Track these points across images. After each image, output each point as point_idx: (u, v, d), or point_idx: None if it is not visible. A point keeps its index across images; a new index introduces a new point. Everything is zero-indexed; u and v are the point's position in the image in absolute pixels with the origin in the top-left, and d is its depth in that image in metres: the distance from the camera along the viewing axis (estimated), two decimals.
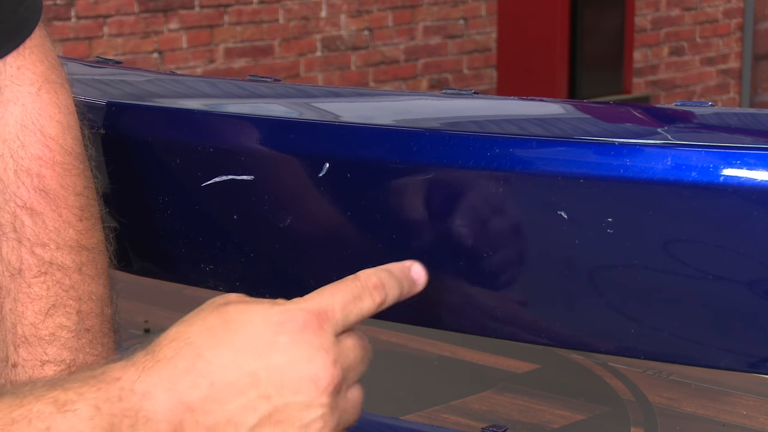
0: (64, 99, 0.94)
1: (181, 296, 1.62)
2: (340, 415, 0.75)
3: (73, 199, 0.92)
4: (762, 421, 1.27)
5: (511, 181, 0.81)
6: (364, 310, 0.76)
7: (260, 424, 0.72)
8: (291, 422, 0.73)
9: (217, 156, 0.94)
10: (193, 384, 0.72)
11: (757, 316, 0.77)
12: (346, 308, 0.75)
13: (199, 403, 0.72)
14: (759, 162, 0.74)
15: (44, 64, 0.93)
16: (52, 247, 0.91)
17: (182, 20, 4.78)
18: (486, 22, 5.74)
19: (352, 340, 0.76)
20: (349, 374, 0.76)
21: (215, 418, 0.72)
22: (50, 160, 0.91)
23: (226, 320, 0.74)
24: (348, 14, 5.24)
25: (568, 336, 0.84)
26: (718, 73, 6.75)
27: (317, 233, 0.92)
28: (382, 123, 0.91)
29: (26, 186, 0.91)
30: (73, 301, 0.91)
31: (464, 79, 5.68)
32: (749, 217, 0.74)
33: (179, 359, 0.73)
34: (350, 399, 0.76)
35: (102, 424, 0.70)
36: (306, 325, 0.73)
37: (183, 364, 0.72)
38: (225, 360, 0.73)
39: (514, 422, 1.28)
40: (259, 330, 0.74)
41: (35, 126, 0.92)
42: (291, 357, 0.73)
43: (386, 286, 0.78)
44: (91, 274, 0.92)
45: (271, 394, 0.72)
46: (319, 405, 0.73)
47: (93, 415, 0.70)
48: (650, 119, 0.91)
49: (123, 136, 1.01)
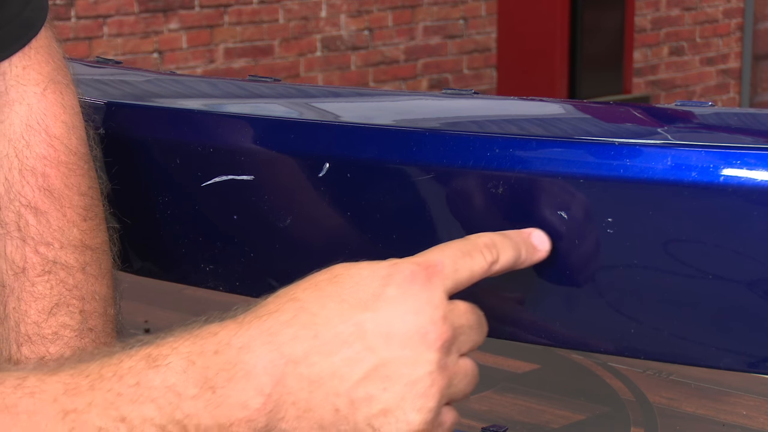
0: (70, 99, 0.94)
1: (181, 296, 1.62)
2: (450, 379, 0.71)
3: (78, 198, 0.92)
4: (762, 421, 1.27)
5: (511, 181, 0.81)
6: (475, 267, 0.74)
7: (366, 378, 0.69)
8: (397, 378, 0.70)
9: (217, 156, 0.94)
10: (295, 336, 0.69)
11: (757, 316, 0.77)
12: (455, 263, 0.73)
13: (302, 356, 0.69)
14: (759, 162, 0.74)
15: (50, 64, 0.94)
16: (56, 247, 0.91)
17: (182, 20, 4.78)
18: (486, 22, 5.74)
19: (466, 305, 0.74)
20: (460, 336, 0.72)
21: (319, 370, 0.69)
22: (55, 159, 0.92)
23: (334, 275, 0.72)
24: (348, 14, 5.24)
25: (568, 336, 0.84)
26: (718, 73, 6.75)
27: (317, 233, 0.92)
28: (382, 123, 0.91)
29: (31, 185, 0.91)
30: (76, 300, 0.91)
31: (464, 79, 5.69)
32: (749, 217, 0.74)
33: (281, 313, 0.70)
34: (462, 366, 0.73)
35: (196, 377, 0.68)
36: (414, 277, 0.71)
37: (285, 317, 0.70)
38: (330, 311, 0.70)
39: (514, 422, 1.28)
40: (366, 282, 0.71)
41: (40, 126, 0.92)
42: (398, 309, 0.70)
43: (498, 246, 0.76)
44: (95, 273, 0.93)
45: (378, 347, 0.70)
46: (426, 361, 0.70)
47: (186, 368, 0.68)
48: (650, 119, 0.91)
49: (123, 136, 1.01)
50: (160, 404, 0.67)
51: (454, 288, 0.73)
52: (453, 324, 0.72)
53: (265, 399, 0.68)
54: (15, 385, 0.66)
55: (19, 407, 0.65)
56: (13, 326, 0.91)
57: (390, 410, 0.69)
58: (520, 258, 0.77)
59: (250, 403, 0.68)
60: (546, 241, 0.79)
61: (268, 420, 0.68)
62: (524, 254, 0.77)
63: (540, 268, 0.82)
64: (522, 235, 0.78)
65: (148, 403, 0.67)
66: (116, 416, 0.66)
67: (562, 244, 0.80)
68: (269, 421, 0.68)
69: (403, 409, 0.70)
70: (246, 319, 0.71)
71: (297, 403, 0.69)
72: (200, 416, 0.67)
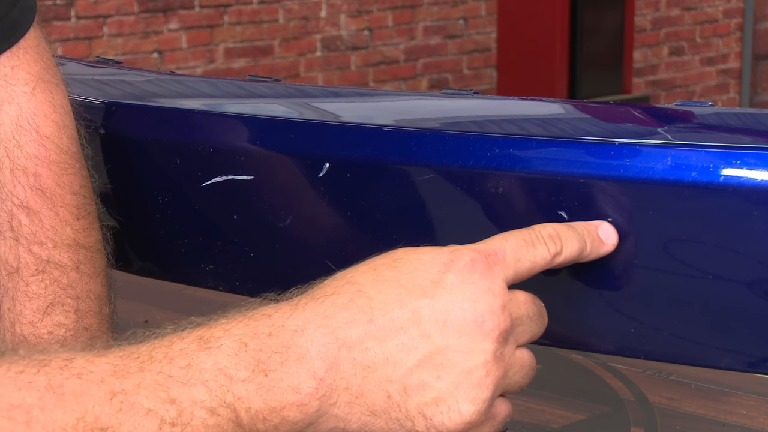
0: (60, 98, 0.94)
1: (181, 296, 1.62)
2: (505, 370, 0.70)
3: (70, 197, 0.92)
4: (762, 421, 1.27)
5: (511, 181, 0.81)
6: (537, 258, 0.73)
7: (420, 365, 0.68)
8: (452, 366, 0.68)
9: (217, 156, 0.94)
10: (351, 320, 0.68)
11: (757, 316, 0.77)
12: (517, 252, 0.72)
13: (356, 340, 0.68)
14: (759, 162, 0.74)
15: (39, 64, 0.94)
16: (49, 246, 0.91)
17: (182, 20, 4.78)
18: (486, 22, 5.74)
19: (526, 296, 0.73)
20: (518, 327, 0.71)
21: (373, 356, 0.68)
22: (46, 159, 0.92)
23: (394, 259, 0.71)
24: (348, 14, 5.24)
25: (568, 336, 0.84)
26: (718, 73, 6.75)
27: (317, 233, 0.92)
28: (382, 123, 0.91)
29: (22, 185, 0.91)
30: (71, 299, 0.91)
31: (464, 79, 5.68)
32: (749, 217, 0.74)
33: (338, 296, 0.69)
34: (518, 357, 0.72)
35: (248, 359, 0.67)
36: (474, 264, 0.70)
37: (341, 300, 0.69)
38: (387, 296, 0.69)
39: (514, 422, 1.28)
40: (426, 267, 0.70)
41: (30, 125, 0.92)
42: (457, 296, 0.69)
43: (562, 237, 0.74)
44: (89, 272, 0.92)
45: (433, 334, 0.68)
46: (482, 350, 0.69)
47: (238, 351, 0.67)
48: (650, 119, 0.91)
49: (123, 136, 1.01)
50: (211, 387, 0.66)
51: (514, 278, 0.72)
52: (512, 314, 0.71)
53: (317, 383, 0.67)
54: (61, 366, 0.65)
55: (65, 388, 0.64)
56: (8, 327, 0.91)
57: (443, 399, 0.69)
58: (585, 251, 0.76)
59: (302, 387, 0.67)
60: (613, 235, 0.77)
61: (320, 404, 0.68)
62: (590, 247, 0.76)
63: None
64: (589, 227, 0.77)
65: (198, 386, 0.66)
66: (165, 398, 0.65)
67: None
68: (321, 406, 0.68)
69: (456, 399, 0.69)
70: (302, 301, 0.70)
71: (349, 388, 0.68)
72: (251, 400, 0.66)
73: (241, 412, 0.66)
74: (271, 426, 0.67)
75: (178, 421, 0.65)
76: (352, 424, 0.69)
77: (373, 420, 0.69)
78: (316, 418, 0.68)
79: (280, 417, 0.67)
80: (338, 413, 0.68)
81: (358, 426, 0.69)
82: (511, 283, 0.72)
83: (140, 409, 0.65)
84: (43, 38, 0.95)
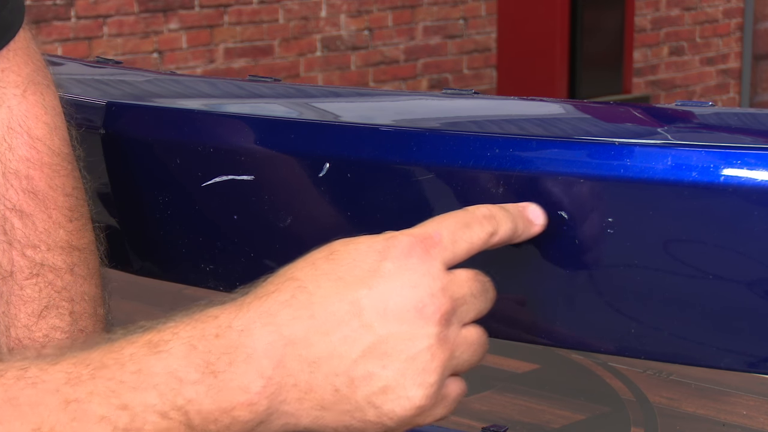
0: (51, 100, 0.94)
1: (181, 296, 1.62)
2: (452, 351, 0.70)
3: (63, 199, 0.92)
4: (762, 421, 1.27)
5: (511, 181, 0.81)
6: (474, 239, 0.73)
7: (364, 356, 0.68)
8: (396, 354, 0.68)
9: (217, 156, 0.94)
10: (294, 316, 0.69)
11: (757, 316, 0.77)
12: (454, 234, 0.72)
13: (300, 336, 0.68)
14: (759, 162, 0.74)
15: (29, 66, 0.93)
16: (42, 249, 0.91)
17: (182, 20, 4.78)
18: (486, 22, 5.74)
19: (467, 273, 0.72)
20: (461, 307, 0.71)
21: (318, 351, 0.68)
22: (38, 161, 0.91)
23: (331, 252, 0.72)
24: (348, 14, 5.24)
25: (568, 336, 0.84)
26: (718, 73, 6.75)
27: (317, 233, 0.92)
28: (382, 123, 0.91)
29: (15, 188, 0.91)
30: (65, 302, 0.91)
31: (464, 79, 5.69)
32: (749, 217, 0.74)
33: (280, 293, 0.70)
34: (465, 336, 0.71)
35: (197, 362, 0.67)
36: (411, 249, 0.70)
37: (283, 297, 0.69)
38: (327, 290, 0.69)
39: (514, 422, 1.28)
40: (362, 257, 0.70)
41: (22, 128, 0.92)
42: (395, 283, 0.69)
43: (497, 217, 0.74)
44: (83, 274, 0.92)
45: (374, 323, 0.69)
46: (425, 335, 0.69)
47: (187, 353, 0.67)
48: (650, 119, 0.91)
49: (123, 136, 1.01)
50: (162, 390, 0.67)
51: (452, 259, 0.72)
52: (453, 295, 0.70)
53: (266, 382, 0.68)
54: (17, 376, 0.66)
55: (20, 399, 0.65)
56: (3, 330, 0.90)
57: (390, 387, 0.69)
58: (517, 231, 0.76)
59: (251, 386, 0.68)
60: (541, 215, 0.77)
61: (269, 403, 0.68)
62: (521, 227, 0.76)
63: (540, 267, 0.82)
64: (518, 207, 0.77)
65: (149, 390, 0.66)
66: (118, 404, 0.66)
67: (562, 244, 0.80)
68: (270, 404, 0.68)
69: (403, 386, 0.69)
70: (246, 300, 0.70)
71: (298, 384, 0.68)
72: (202, 401, 0.67)
73: (192, 414, 0.67)
74: (223, 426, 0.67)
75: (131, 426, 0.66)
76: (303, 419, 0.69)
77: (323, 414, 0.69)
78: (266, 417, 0.68)
79: (230, 417, 0.67)
80: (288, 410, 0.69)
81: (310, 421, 0.69)
82: (450, 265, 0.71)
83: (93, 416, 0.65)
84: (33, 40, 0.95)
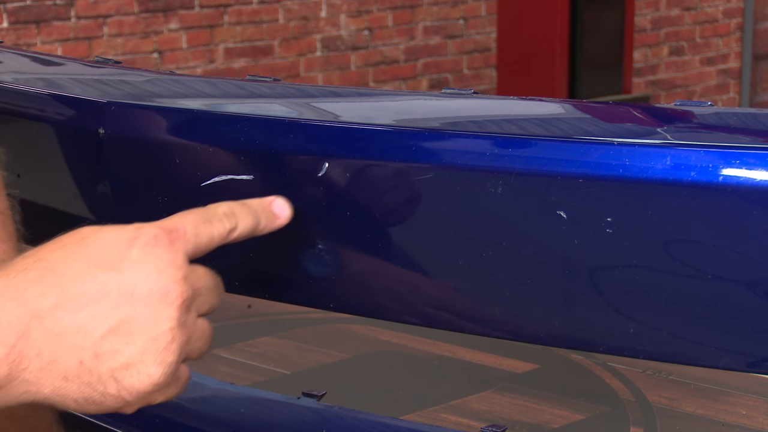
0: None
1: None
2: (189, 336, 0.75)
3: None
4: (762, 421, 1.27)
5: (510, 181, 0.81)
6: (214, 233, 0.78)
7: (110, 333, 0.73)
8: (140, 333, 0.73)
9: (217, 156, 0.94)
10: (42, 293, 0.73)
11: (756, 316, 0.77)
12: (196, 228, 0.77)
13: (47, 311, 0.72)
14: (759, 162, 0.74)
15: None
16: None
17: (182, 20, 4.78)
18: (486, 22, 5.74)
19: (204, 270, 0.78)
20: (199, 297, 0.77)
21: (64, 325, 0.73)
22: None
23: (81, 237, 0.76)
24: (348, 14, 5.24)
25: (568, 336, 0.84)
26: (718, 73, 6.75)
27: (317, 233, 0.92)
28: (382, 123, 0.91)
29: None
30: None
31: (464, 79, 5.68)
32: (749, 217, 0.74)
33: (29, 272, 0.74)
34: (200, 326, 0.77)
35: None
36: (157, 239, 0.75)
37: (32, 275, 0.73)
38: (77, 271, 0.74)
39: (514, 422, 1.28)
40: (112, 244, 0.75)
41: None
42: (142, 269, 0.74)
43: (237, 214, 0.80)
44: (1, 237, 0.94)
45: (121, 304, 0.73)
46: (167, 318, 0.74)
47: None
48: (650, 119, 0.91)
49: (123, 136, 1.01)
50: None
51: (194, 251, 0.77)
52: (193, 285, 0.76)
53: (8, 350, 0.72)
54: None
55: None
56: None
57: (132, 363, 0.73)
58: (259, 225, 0.82)
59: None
60: (286, 209, 0.83)
61: (10, 369, 0.72)
62: (264, 221, 0.82)
63: (540, 267, 0.82)
64: (263, 203, 0.82)
65: None
66: None
67: (562, 244, 0.80)
68: (11, 371, 0.72)
69: (144, 363, 0.74)
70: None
71: (41, 355, 0.72)
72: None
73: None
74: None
75: None
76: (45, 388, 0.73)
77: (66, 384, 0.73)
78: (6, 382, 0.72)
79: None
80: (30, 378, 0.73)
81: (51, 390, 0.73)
82: (192, 257, 0.77)
83: None
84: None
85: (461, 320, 0.89)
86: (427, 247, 0.87)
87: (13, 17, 4.43)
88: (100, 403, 0.74)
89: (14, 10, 4.43)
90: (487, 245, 0.84)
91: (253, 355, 1.70)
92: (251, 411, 1.17)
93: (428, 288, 0.89)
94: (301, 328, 1.81)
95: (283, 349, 1.74)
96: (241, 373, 1.61)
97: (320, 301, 0.94)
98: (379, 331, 1.73)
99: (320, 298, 0.94)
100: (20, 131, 1.08)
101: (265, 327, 1.82)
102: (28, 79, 1.19)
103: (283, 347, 1.75)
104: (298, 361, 1.70)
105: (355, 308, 0.95)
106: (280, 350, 1.74)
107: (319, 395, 1.15)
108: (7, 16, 4.42)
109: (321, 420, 1.13)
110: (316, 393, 1.15)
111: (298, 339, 1.78)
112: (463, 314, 0.89)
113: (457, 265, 0.86)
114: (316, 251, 0.93)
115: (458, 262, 0.86)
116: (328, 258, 0.92)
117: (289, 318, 1.84)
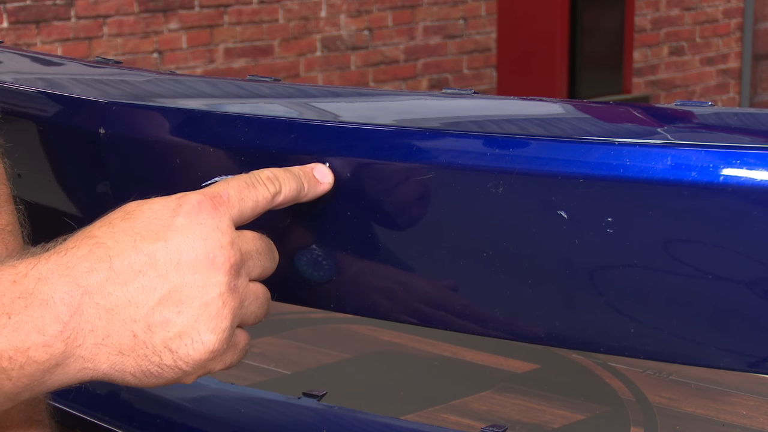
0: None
1: None
2: (241, 300, 0.75)
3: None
4: (762, 421, 1.27)
5: (511, 181, 0.81)
6: (259, 197, 0.79)
7: (161, 304, 0.73)
8: (190, 301, 0.73)
9: (217, 156, 0.94)
10: (91, 268, 0.73)
11: (757, 316, 0.77)
12: (240, 193, 0.78)
13: (97, 286, 0.73)
14: (759, 162, 0.74)
15: None
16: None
17: (182, 20, 4.78)
18: (486, 22, 5.74)
19: (253, 234, 0.78)
20: (248, 261, 0.77)
21: (115, 300, 0.73)
22: None
23: (127, 212, 0.77)
24: (348, 14, 5.24)
25: (568, 336, 0.84)
26: (718, 73, 6.75)
27: (317, 233, 0.92)
28: (382, 123, 0.91)
29: None
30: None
31: (464, 79, 5.69)
32: (749, 217, 0.74)
33: (78, 249, 0.74)
34: (253, 290, 0.77)
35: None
36: (201, 206, 0.75)
37: (81, 252, 0.74)
38: (124, 244, 0.74)
39: (514, 422, 1.28)
40: (157, 215, 0.75)
41: None
42: (187, 237, 0.74)
43: (280, 178, 0.81)
44: (2, 255, 0.93)
45: (169, 274, 0.73)
46: (216, 284, 0.74)
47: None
48: (650, 119, 0.91)
49: (123, 136, 1.01)
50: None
51: (239, 216, 0.77)
52: (241, 249, 0.76)
53: (62, 326, 0.72)
54: None
55: None
56: None
57: (185, 332, 0.73)
58: (303, 190, 0.82)
59: (47, 329, 0.71)
60: (328, 174, 0.84)
61: (65, 346, 0.72)
62: (307, 187, 0.82)
63: (540, 267, 0.82)
64: (304, 169, 0.83)
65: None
66: None
67: (563, 244, 0.80)
68: (67, 348, 0.72)
69: (197, 331, 0.73)
70: (44, 255, 0.74)
71: (95, 330, 0.72)
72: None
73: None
74: (17, 365, 0.71)
75: None
76: (102, 364, 0.73)
77: (122, 359, 0.73)
78: (62, 359, 0.72)
79: (25, 357, 0.71)
80: (85, 354, 0.73)
81: (108, 366, 0.73)
82: (237, 223, 0.77)
83: None
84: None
85: (461, 320, 0.89)
86: (427, 247, 0.87)
87: (13, 17, 4.43)
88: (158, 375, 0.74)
89: (14, 10, 4.43)
90: (488, 245, 0.84)
91: (254, 355, 1.70)
92: (251, 411, 1.17)
93: (429, 288, 0.89)
94: (302, 328, 1.81)
95: (283, 349, 1.74)
96: (241, 373, 1.61)
97: (320, 301, 0.94)
98: (379, 331, 1.74)
99: (320, 298, 0.94)
100: (20, 131, 1.08)
101: (266, 327, 1.82)
102: (28, 79, 1.19)
103: (284, 347, 1.75)
104: (298, 361, 1.70)
105: (355, 308, 0.95)
106: (281, 350, 1.74)
107: (319, 395, 1.15)
108: (7, 16, 4.43)
109: (321, 420, 1.13)
110: (316, 393, 1.15)
111: (299, 339, 1.78)
112: (464, 314, 0.89)
113: (458, 265, 0.86)
114: (317, 251, 0.93)
115: (459, 262, 0.86)
116: (329, 258, 0.92)
117: (290, 318, 1.85)
